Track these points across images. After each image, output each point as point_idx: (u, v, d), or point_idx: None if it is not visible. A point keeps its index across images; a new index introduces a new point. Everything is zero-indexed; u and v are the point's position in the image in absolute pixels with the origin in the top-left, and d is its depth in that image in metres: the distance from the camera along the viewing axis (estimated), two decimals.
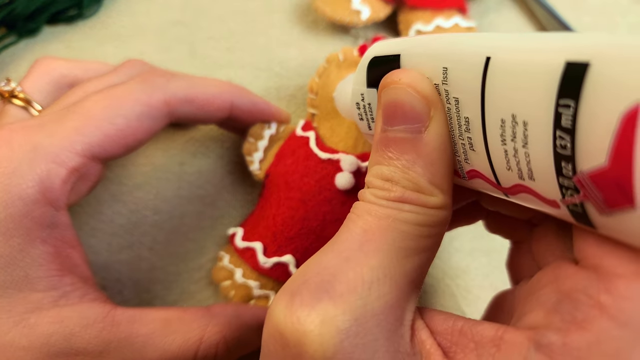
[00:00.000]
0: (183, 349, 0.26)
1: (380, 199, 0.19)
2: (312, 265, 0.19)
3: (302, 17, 0.44)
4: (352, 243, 0.19)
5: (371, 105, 0.23)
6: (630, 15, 0.45)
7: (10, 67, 0.41)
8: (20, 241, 0.24)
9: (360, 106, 0.24)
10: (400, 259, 0.19)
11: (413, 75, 0.20)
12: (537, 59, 0.16)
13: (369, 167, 0.21)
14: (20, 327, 0.24)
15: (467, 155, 0.20)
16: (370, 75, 0.23)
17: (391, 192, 0.19)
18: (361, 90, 0.23)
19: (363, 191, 0.20)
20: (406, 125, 0.20)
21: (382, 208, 0.19)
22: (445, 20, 0.40)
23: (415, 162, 0.19)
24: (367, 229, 0.19)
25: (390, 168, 0.20)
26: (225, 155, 0.37)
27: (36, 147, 0.25)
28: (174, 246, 0.35)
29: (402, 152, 0.20)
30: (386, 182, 0.20)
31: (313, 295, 0.18)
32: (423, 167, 0.19)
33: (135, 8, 0.44)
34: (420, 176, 0.19)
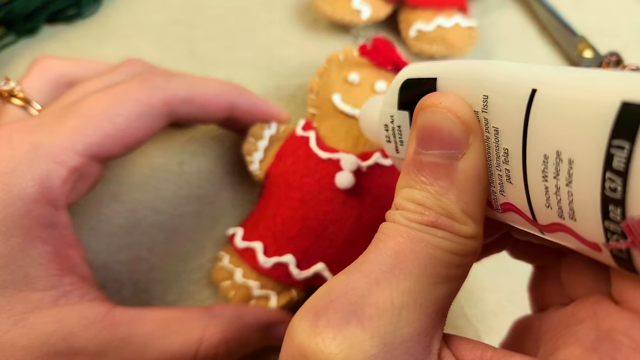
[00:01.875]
0: (183, 350, 0.26)
1: (412, 222, 0.19)
2: (338, 284, 0.18)
3: (302, 16, 0.44)
4: (382, 264, 0.18)
5: (401, 128, 0.23)
6: (632, 15, 0.45)
7: (9, 66, 0.41)
8: (20, 241, 0.24)
9: (388, 128, 0.24)
10: (430, 285, 0.18)
11: (454, 99, 0.19)
12: (590, 97, 0.15)
13: (398, 189, 0.20)
14: (20, 327, 0.24)
15: (504, 188, 0.19)
16: (403, 98, 0.22)
17: (424, 216, 0.19)
18: (391, 112, 0.23)
19: (392, 212, 0.20)
20: (442, 150, 0.19)
21: (414, 231, 0.19)
22: (446, 20, 0.40)
23: (449, 189, 0.19)
24: (398, 251, 0.18)
25: (422, 193, 0.19)
26: (225, 155, 0.37)
27: (36, 146, 0.25)
28: (173, 246, 0.35)
29: (436, 177, 0.19)
30: (417, 206, 0.19)
31: (340, 317, 0.17)
32: (457, 195, 0.19)
33: (134, 7, 0.44)
34: (454, 204, 0.19)
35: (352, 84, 0.34)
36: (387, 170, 0.32)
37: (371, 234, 0.31)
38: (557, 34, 0.43)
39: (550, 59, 0.43)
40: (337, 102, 0.34)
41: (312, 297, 0.19)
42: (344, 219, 0.31)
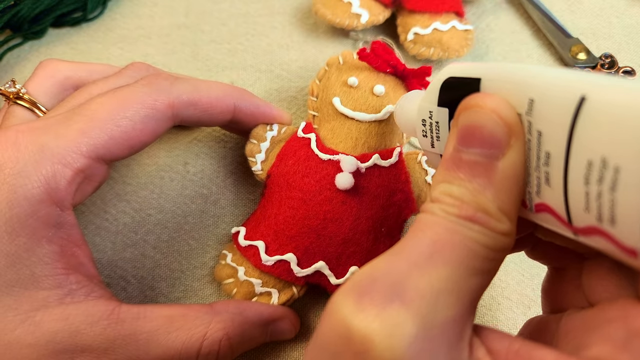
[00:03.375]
0: (186, 346, 0.26)
1: (451, 215, 0.19)
2: (380, 266, 0.19)
3: (303, 20, 0.44)
4: (421, 251, 0.19)
5: (439, 124, 0.23)
6: (626, 17, 0.45)
7: (15, 68, 0.42)
8: (26, 240, 0.24)
9: (426, 123, 0.24)
10: (466, 275, 0.19)
11: (498, 100, 0.19)
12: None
13: (435, 183, 0.21)
14: (26, 325, 0.24)
15: (540, 189, 0.20)
16: (444, 95, 0.23)
17: (462, 210, 0.19)
18: (430, 108, 0.24)
19: (430, 205, 0.20)
20: (483, 149, 0.19)
21: (452, 223, 0.19)
22: (443, 24, 0.41)
23: (486, 187, 0.19)
24: (437, 240, 0.19)
25: (460, 189, 0.20)
26: (228, 156, 0.38)
27: (42, 148, 0.25)
28: (178, 244, 0.35)
29: (474, 175, 0.19)
30: (455, 200, 0.19)
31: (383, 296, 0.18)
32: (494, 193, 0.19)
33: (139, 11, 0.44)
34: (490, 202, 0.19)
35: (352, 86, 0.34)
36: (385, 171, 0.33)
37: (369, 232, 0.32)
38: (552, 36, 0.43)
39: (545, 61, 0.43)
40: (337, 105, 0.34)
41: (352, 277, 0.19)
42: (344, 218, 0.31)
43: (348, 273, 0.31)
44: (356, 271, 0.20)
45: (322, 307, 0.33)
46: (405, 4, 0.41)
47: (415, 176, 0.33)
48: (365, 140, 0.34)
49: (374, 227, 0.32)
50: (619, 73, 0.41)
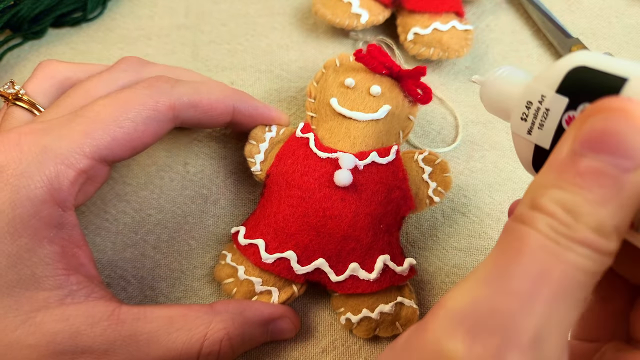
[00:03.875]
0: (187, 346, 0.26)
1: (561, 236, 0.17)
2: (481, 297, 0.18)
3: (303, 21, 0.44)
4: (529, 284, 0.17)
5: (550, 112, 0.21)
6: (625, 17, 0.45)
7: (15, 69, 0.42)
8: (28, 241, 0.25)
9: (532, 106, 0.22)
10: (572, 310, 0.18)
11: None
12: None
13: (542, 187, 0.19)
14: (27, 326, 0.24)
15: None
16: (568, 83, 0.20)
17: (576, 232, 0.17)
18: (544, 92, 0.21)
19: (533, 215, 0.18)
20: (616, 159, 0.17)
21: (562, 249, 0.17)
22: (442, 24, 0.41)
23: (609, 201, 0.17)
24: (545, 272, 0.17)
25: (577, 198, 0.18)
26: (228, 156, 0.38)
27: (45, 149, 0.25)
28: (178, 244, 0.35)
29: (599, 185, 0.17)
30: (568, 212, 0.18)
31: (499, 342, 0.17)
32: (615, 208, 0.17)
33: (139, 12, 0.45)
34: (609, 217, 0.17)
35: (349, 87, 0.35)
36: (383, 169, 0.33)
37: (369, 229, 0.32)
38: (552, 36, 0.43)
39: (545, 60, 0.43)
40: (335, 105, 0.35)
41: (453, 299, 0.18)
42: (343, 215, 0.32)
43: (348, 270, 0.31)
44: (452, 292, 0.19)
45: (322, 307, 0.33)
46: (405, 4, 0.42)
47: (412, 174, 0.34)
48: (363, 139, 0.34)
49: (373, 224, 0.32)
50: None
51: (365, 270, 0.31)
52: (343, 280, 0.31)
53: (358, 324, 0.31)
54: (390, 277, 0.31)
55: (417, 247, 0.35)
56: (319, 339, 0.33)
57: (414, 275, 0.32)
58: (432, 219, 0.36)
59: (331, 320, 0.33)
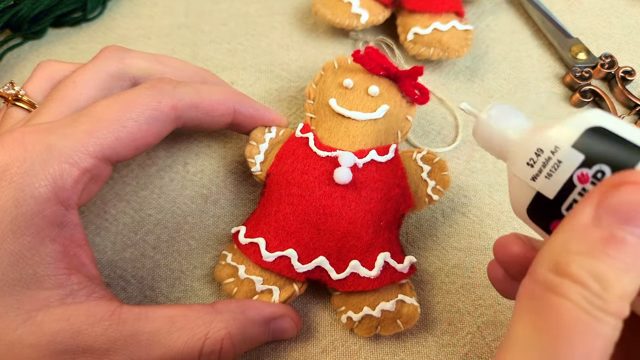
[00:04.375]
0: (188, 346, 0.26)
1: (595, 309, 0.18)
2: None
3: (303, 20, 0.44)
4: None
5: (562, 164, 0.21)
6: (626, 17, 0.45)
7: (15, 68, 0.42)
8: (31, 239, 0.25)
9: (542, 155, 0.22)
10: None
11: None
12: None
13: (570, 253, 0.19)
14: (28, 325, 0.24)
15: None
16: (586, 141, 0.21)
17: (607, 303, 0.18)
18: (559, 144, 0.22)
19: (564, 284, 0.19)
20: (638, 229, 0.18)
21: (597, 323, 0.18)
22: (442, 24, 0.41)
23: (631, 269, 0.18)
24: (589, 353, 0.18)
25: (606, 267, 0.18)
26: (228, 155, 0.38)
27: (49, 148, 0.26)
28: (178, 244, 0.35)
29: (624, 253, 0.18)
30: (599, 282, 0.18)
31: None
32: (635, 276, 0.18)
33: (139, 11, 0.45)
34: (630, 285, 0.18)
35: (347, 88, 0.35)
36: (382, 167, 0.33)
37: (369, 226, 0.32)
38: (552, 36, 0.43)
39: (545, 60, 0.43)
40: (334, 105, 0.35)
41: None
42: (343, 213, 0.32)
43: (348, 267, 0.31)
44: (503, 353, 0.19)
45: (322, 307, 0.33)
46: (405, 4, 0.42)
47: (411, 173, 0.34)
48: (362, 138, 0.34)
49: (373, 221, 0.32)
50: (619, 73, 0.41)
51: (365, 267, 0.31)
52: (344, 278, 0.31)
53: (359, 322, 0.31)
54: (391, 275, 0.32)
55: (417, 247, 0.35)
56: (319, 339, 0.33)
57: (414, 272, 0.32)
58: (432, 219, 0.36)
59: (331, 320, 0.33)
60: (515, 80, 0.42)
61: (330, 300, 0.33)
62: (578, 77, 0.41)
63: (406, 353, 0.32)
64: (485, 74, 0.42)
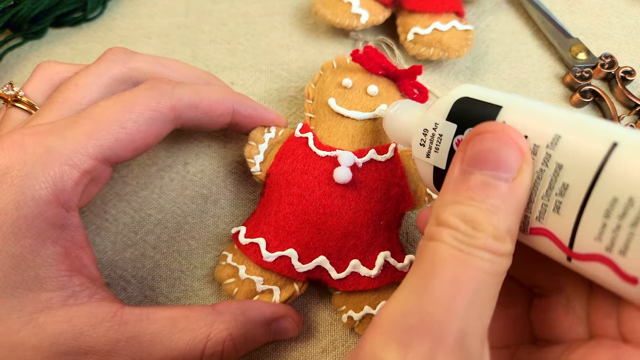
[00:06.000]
0: (190, 347, 0.26)
1: (464, 245, 0.20)
2: (409, 307, 0.20)
3: (303, 20, 0.44)
4: (447, 291, 0.19)
5: (442, 137, 0.24)
6: (626, 17, 0.45)
7: (15, 68, 0.42)
8: (32, 242, 0.25)
9: (427, 133, 0.25)
10: (485, 310, 0.20)
11: (514, 130, 0.21)
12: None
13: (443, 204, 0.21)
14: (30, 327, 0.24)
15: (544, 215, 0.21)
16: (455, 111, 0.24)
17: (476, 239, 0.20)
18: (437, 120, 0.25)
19: (439, 230, 0.21)
20: (496, 172, 0.21)
21: (467, 256, 0.20)
22: (443, 24, 0.41)
23: (499, 208, 0.20)
24: (457, 278, 0.19)
25: (473, 209, 0.20)
26: (228, 155, 0.38)
27: (50, 150, 0.26)
28: (178, 244, 0.35)
29: (488, 196, 0.20)
30: (467, 223, 0.20)
31: (428, 348, 0.18)
32: (505, 214, 0.20)
33: (139, 11, 0.45)
34: (502, 222, 0.20)
35: (346, 87, 0.35)
36: (381, 166, 0.33)
37: (369, 225, 0.32)
38: (552, 36, 0.43)
39: (545, 60, 0.43)
40: (333, 105, 0.35)
41: (385, 314, 0.20)
42: (343, 212, 0.32)
43: (349, 267, 0.31)
44: (383, 308, 0.21)
45: (322, 307, 0.33)
46: (405, 4, 0.42)
47: (410, 172, 0.34)
48: (361, 137, 0.34)
49: (373, 220, 0.32)
50: (619, 73, 0.41)
51: (366, 266, 0.31)
52: (344, 277, 0.31)
53: (360, 321, 0.31)
54: (391, 274, 0.32)
55: (417, 246, 0.35)
56: (319, 339, 0.33)
57: None
58: None
59: (331, 320, 0.33)
60: (515, 80, 0.42)
61: (331, 299, 0.33)
62: (578, 77, 0.41)
63: None
64: (485, 74, 0.42)
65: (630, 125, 0.39)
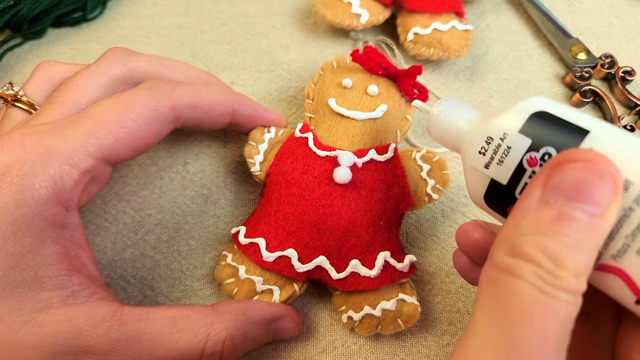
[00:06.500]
0: (190, 347, 0.26)
1: (549, 286, 0.18)
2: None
3: (303, 20, 0.44)
4: (535, 346, 0.18)
5: (511, 150, 0.22)
6: (625, 17, 0.45)
7: (15, 68, 0.42)
8: (32, 241, 0.25)
9: (492, 142, 0.23)
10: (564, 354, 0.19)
11: (612, 163, 0.19)
12: None
13: (522, 234, 0.20)
14: (30, 326, 0.24)
15: (623, 255, 0.20)
16: (531, 126, 0.22)
17: (560, 279, 0.18)
18: (507, 131, 0.23)
19: (518, 265, 0.19)
20: (586, 206, 0.19)
21: (552, 300, 0.18)
22: (443, 24, 0.41)
23: (583, 244, 0.19)
24: (544, 329, 0.18)
25: (556, 243, 0.19)
26: (228, 155, 0.38)
27: (49, 149, 0.26)
28: (178, 244, 0.35)
29: (572, 229, 0.19)
30: (550, 259, 0.19)
31: None
32: (587, 251, 0.19)
33: (139, 11, 0.45)
34: (584, 260, 0.19)
35: (346, 87, 0.35)
36: (381, 166, 0.34)
37: (368, 225, 0.32)
38: (552, 36, 0.43)
39: (545, 60, 0.43)
40: (333, 105, 0.35)
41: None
42: (342, 212, 0.32)
43: (349, 267, 0.31)
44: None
45: (322, 307, 0.33)
46: (405, 4, 0.42)
47: (410, 172, 0.34)
48: (361, 137, 0.34)
49: (373, 220, 0.32)
50: (619, 73, 0.41)
51: (365, 266, 0.31)
52: (344, 277, 0.31)
53: (360, 321, 0.31)
54: (391, 274, 0.32)
55: (417, 247, 0.35)
56: (319, 339, 0.33)
57: (414, 272, 0.32)
58: (432, 219, 0.36)
59: (331, 320, 0.33)
60: (515, 80, 0.42)
61: (331, 300, 0.33)
62: (578, 77, 0.41)
63: (406, 353, 0.32)
64: (485, 74, 0.42)
65: (631, 125, 0.39)
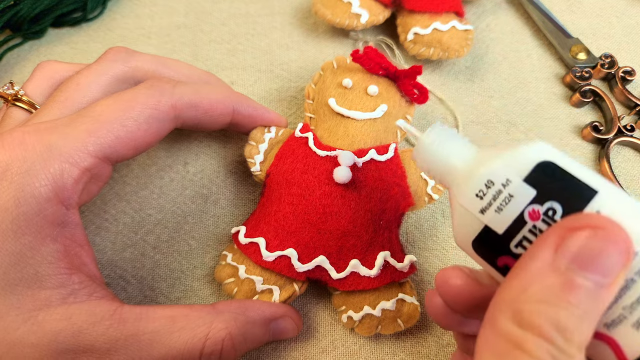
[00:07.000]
0: (189, 346, 0.26)
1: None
2: None
3: (303, 20, 0.44)
4: None
5: (513, 198, 0.21)
6: (625, 17, 0.45)
7: (15, 68, 0.42)
8: (32, 239, 0.25)
9: (492, 187, 0.22)
10: None
11: (625, 233, 0.18)
12: None
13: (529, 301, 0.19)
14: (29, 324, 0.24)
15: (617, 325, 0.19)
16: (537, 176, 0.21)
17: (570, 357, 0.18)
18: (510, 177, 0.21)
19: (527, 339, 0.18)
20: (599, 276, 0.18)
21: None
22: (442, 24, 0.41)
23: (589, 315, 0.18)
24: None
25: (567, 315, 0.18)
26: (228, 155, 0.38)
27: (50, 147, 0.26)
28: (178, 244, 0.35)
29: (581, 300, 0.18)
30: (560, 332, 0.18)
31: None
32: (591, 321, 0.18)
33: (139, 11, 0.45)
34: (588, 330, 0.18)
35: (346, 87, 0.35)
36: (381, 166, 0.34)
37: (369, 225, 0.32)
38: (552, 36, 0.43)
39: (545, 60, 0.43)
40: (333, 105, 0.35)
41: None
42: (343, 212, 0.32)
43: (349, 266, 0.31)
44: None
45: (323, 306, 0.33)
46: (405, 4, 0.42)
47: (410, 172, 0.34)
48: (361, 137, 0.34)
49: (373, 220, 0.32)
50: (619, 73, 0.41)
51: (365, 266, 0.31)
52: (344, 277, 0.31)
53: (360, 321, 0.31)
54: (391, 274, 0.32)
55: (417, 247, 0.35)
56: (319, 339, 0.33)
57: (414, 272, 0.32)
58: (432, 219, 0.36)
59: (331, 320, 0.33)
60: (515, 80, 0.42)
61: (331, 299, 0.33)
62: (578, 77, 0.41)
63: (406, 353, 0.32)
64: (485, 74, 0.42)
65: (631, 125, 0.39)
